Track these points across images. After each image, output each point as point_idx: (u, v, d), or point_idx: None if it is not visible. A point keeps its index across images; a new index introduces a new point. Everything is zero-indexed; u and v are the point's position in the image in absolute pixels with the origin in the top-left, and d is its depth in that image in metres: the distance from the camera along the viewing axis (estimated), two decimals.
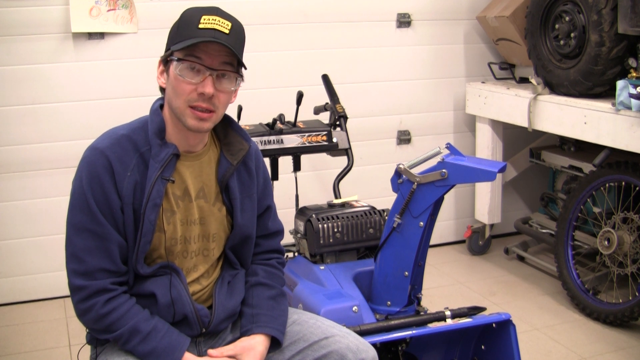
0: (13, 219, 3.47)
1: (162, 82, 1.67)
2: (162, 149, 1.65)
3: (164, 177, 1.63)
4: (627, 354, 2.94)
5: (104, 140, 1.64)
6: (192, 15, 1.62)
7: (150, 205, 1.62)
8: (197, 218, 1.73)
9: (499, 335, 2.17)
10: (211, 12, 1.62)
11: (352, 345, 1.72)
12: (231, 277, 1.82)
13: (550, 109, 3.37)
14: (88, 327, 1.68)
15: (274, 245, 1.93)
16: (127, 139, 1.64)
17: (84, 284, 1.60)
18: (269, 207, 1.89)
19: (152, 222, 1.63)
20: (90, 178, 1.60)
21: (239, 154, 1.75)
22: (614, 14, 2.99)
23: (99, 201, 1.59)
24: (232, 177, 1.75)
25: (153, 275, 1.69)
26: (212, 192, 1.75)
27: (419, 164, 2.23)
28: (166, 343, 1.63)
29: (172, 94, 1.64)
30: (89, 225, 1.60)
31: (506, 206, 4.16)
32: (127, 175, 1.61)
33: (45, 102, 3.41)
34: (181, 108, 1.63)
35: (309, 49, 3.79)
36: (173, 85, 1.63)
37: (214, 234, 1.76)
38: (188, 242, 1.73)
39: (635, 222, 3.11)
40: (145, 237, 1.63)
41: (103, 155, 1.60)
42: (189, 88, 1.61)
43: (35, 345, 3.10)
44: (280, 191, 2.85)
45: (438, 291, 3.61)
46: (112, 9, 3.39)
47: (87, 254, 1.60)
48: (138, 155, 1.64)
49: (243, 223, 1.78)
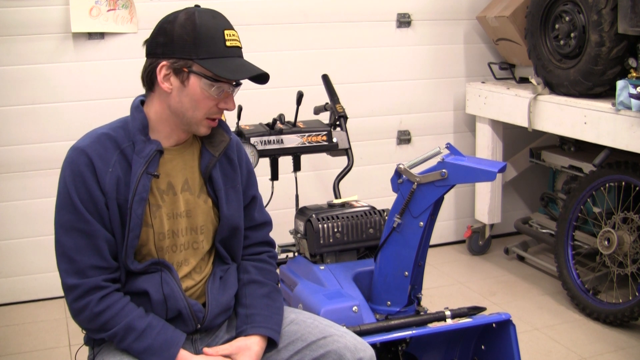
0: (13, 219, 3.47)
1: (167, 87, 1.65)
2: (146, 145, 1.66)
3: (148, 173, 1.65)
4: (627, 354, 2.94)
5: (84, 140, 1.66)
6: (213, 29, 1.62)
7: (137, 199, 1.63)
8: (183, 211, 1.74)
9: (499, 335, 2.17)
10: (227, 26, 1.66)
11: (350, 344, 1.72)
12: (223, 272, 1.82)
13: (550, 109, 3.37)
14: (83, 327, 1.68)
15: (263, 236, 1.93)
16: (106, 136, 1.66)
17: (77, 283, 1.61)
18: (254, 198, 1.89)
19: (140, 216, 1.64)
20: (73, 177, 1.61)
21: (220, 145, 1.77)
22: (614, 14, 2.99)
23: (84, 199, 1.61)
24: (215, 168, 1.77)
25: (145, 272, 1.69)
26: (196, 184, 1.76)
27: (419, 164, 2.23)
28: (162, 340, 1.63)
29: (188, 105, 1.65)
30: (76, 224, 1.61)
31: (506, 206, 4.16)
32: (108, 171, 1.63)
33: (45, 102, 3.41)
34: (198, 119, 1.67)
35: (309, 49, 3.80)
36: (193, 98, 1.64)
37: (201, 226, 1.77)
38: (176, 235, 1.73)
39: (635, 222, 3.11)
40: (133, 232, 1.64)
41: (83, 153, 1.62)
42: (211, 103, 1.66)
43: (35, 345, 3.10)
44: (280, 191, 2.86)
45: (438, 291, 3.61)
46: (112, 9, 3.40)
47: (77, 253, 1.61)
48: (119, 152, 1.65)
49: (230, 214, 1.79)
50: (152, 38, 1.68)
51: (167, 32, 1.64)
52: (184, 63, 1.62)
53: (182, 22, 1.63)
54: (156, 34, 1.67)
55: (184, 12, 1.65)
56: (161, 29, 1.65)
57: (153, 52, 1.66)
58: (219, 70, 1.62)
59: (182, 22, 1.63)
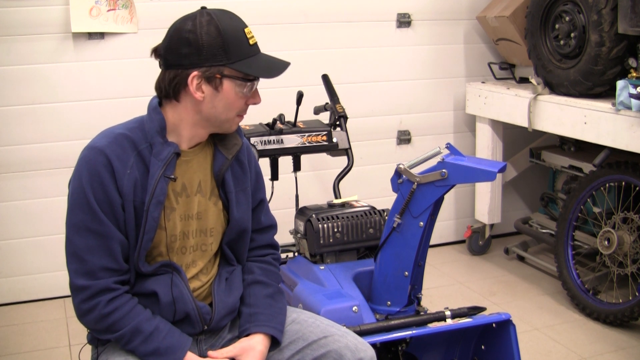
0: (13, 219, 3.47)
1: (200, 95, 1.63)
2: (164, 147, 1.66)
3: (166, 176, 1.64)
4: (627, 354, 2.94)
5: (101, 139, 1.64)
6: (236, 31, 1.63)
7: (154, 202, 1.62)
8: (195, 213, 1.74)
9: (499, 335, 2.17)
10: (244, 24, 1.68)
11: (351, 344, 1.72)
12: (228, 273, 1.83)
13: (550, 109, 3.37)
14: (89, 328, 1.68)
15: (268, 239, 1.94)
16: (124, 137, 1.64)
17: (87, 284, 1.60)
18: (262, 201, 1.90)
19: (156, 219, 1.63)
20: (90, 176, 1.60)
21: (233, 148, 1.77)
22: (614, 14, 2.99)
23: (100, 199, 1.60)
24: (227, 171, 1.77)
25: (154, 274, 1.69)
26: (208, 186, 1.76)
27: (419, 164, 2.23)
28: (168, 343, 1.63)
29: (222, 109, 1.67)
30: (90, 224, 1.60)
31: (506, 206, 4.16)
32: (126, 173, 1.61)
33: (45, 102, 3.41)
34: (231, 118, 1.70)
35: (309, 49, 3.80)
36: (227, 101, 1.66)
37: (211, 228, 1.77)
38: (187, 237, 1.73)
39: (635, 222, 3.11)
40: (148, 235, 1.63)
41: (102, 154, 1.60)
42: (242, 101, 1.69)
43: (35, 345, 3.10)
44: (280, 191, 2.86)
45: (438, 291, 3.61)
46: (112, 9, 3.40)
47: (88, 254, 1.60)
48: (136, 154, 1.64)
49: (239, 217, 1.79)
50: (173, 49, 1.63)
51: (191, 42, 1.60)
52: (216, 70, 1.61)
53: (206, 29, 1.60)
54: (177, 44, 1.62)
55: (201, 17, 1.61)
56: (183, 40, 1.61)
57: (178, 64, 1.62)
58: (254, 71, 1.65)
59: (206, 29, 1.60)
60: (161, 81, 1.67)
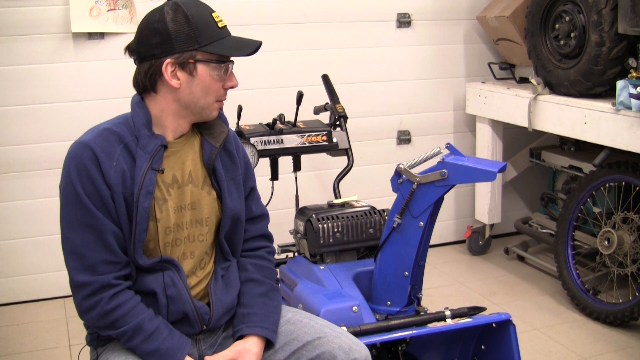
0: (13, 219, 3.47)
1: (175, 83, 1.65)
2: (151, 140, 1.67)
3: (153, 168, 1.65)
4: (627, 354, 2.94)
5: (86, 135, 1.66)
6: (203, 16, 1.66)
7: (143, 192, 1.63)
8: (188, 203, 1.74)
9: (499, 335, 2.17)
10: (211, 9, 1.70)
11: (345, 345, 1.72)
12: (224, 270, 1.82)
13: (550, 109, 3.37)
14: (91, 324, 1.68)
15: (261, 229, 1.94)
16: (109, 131, 1.66)
17: (89, 280, 1.60)
18: (252, 189, 1.90)
19: (146, 210, 1.64)
20: (78, 172, 1.61)
21: (220, 136, 1.78)
22: (614, 14, 2.99)
23: (90, 193, 1.60)
24: (217, 159, 1.78)
25: (153, 270, 1.69)
26: (199, 176, 1.76)
27: (419, 164, 2.23)
28: (168, 344, 1.64)
29: (199, 94, 1.68)
30: (84, 219, 1.61)
31: (506, 206, 4.16)
32: (113, 165, 1.62)
33: (46, 102, 3.41)
34: (209, 103, 1.71)
35: (309, 49, 3.79)
36: (204, 85, 1.67)
37: (206, 217, 1.77)
38: (180, 228, 1.73)
39: (635, 222, 3.12)
40: (140, 225, 1.63)
41: (87, 147, 1.62)
42: (219, 85, 1.70)
43: (35, 345, 3.10)
44: (280, 191, 2.86)
45: (438, 291, 3.61)
46: (112, 9, 3.40)
47: (86, 249, 1.61)
48: (122, 146, 1.65)
49: (232, 205, 1.79)
50: (143, 42, 1.66)
51: (160, 31, 1.63)
52: (188, 55, 1.64)
53: (173, 17, 1.63)
54: (148, 36, 1.65)
55: (167, 8, 1.65)
56: (152, 30, 1.64)
57: (150, 55, 1.65)
58: (226, 51, 1.66)
59: (173, 17, 1.63)
60: (137, 75, 1.69)
